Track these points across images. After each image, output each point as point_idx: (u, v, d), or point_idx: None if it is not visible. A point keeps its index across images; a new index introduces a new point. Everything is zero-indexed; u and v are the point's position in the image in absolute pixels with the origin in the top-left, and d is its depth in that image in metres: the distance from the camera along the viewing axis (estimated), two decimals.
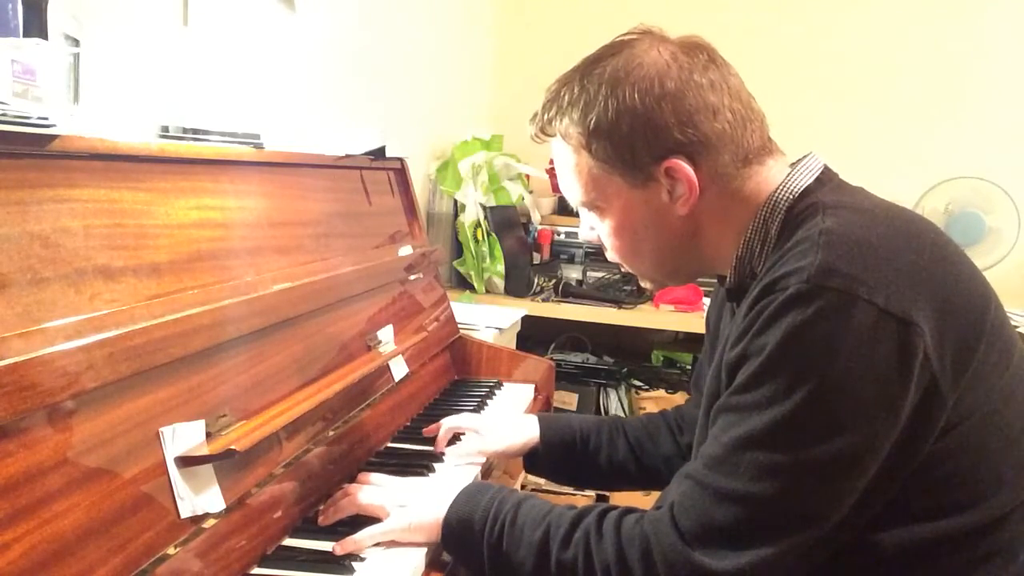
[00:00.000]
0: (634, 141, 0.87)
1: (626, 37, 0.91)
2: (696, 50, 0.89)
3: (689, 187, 0.87)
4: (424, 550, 0.93)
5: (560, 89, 0.92)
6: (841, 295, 0.75)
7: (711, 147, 0.87)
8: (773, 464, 0.77)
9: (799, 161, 0.91)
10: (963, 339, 0.78)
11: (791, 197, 0.87)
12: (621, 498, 2.26)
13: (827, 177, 0.90)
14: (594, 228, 0.98)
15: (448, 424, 1.27)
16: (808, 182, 0.88)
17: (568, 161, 0.93)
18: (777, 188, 0.88)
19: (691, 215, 0.90)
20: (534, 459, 1.25)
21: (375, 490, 0.99)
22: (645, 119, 0.86)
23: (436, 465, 1.18)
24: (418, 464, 1.18)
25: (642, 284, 1.04)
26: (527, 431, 1.24)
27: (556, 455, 1.23)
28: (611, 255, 0.99)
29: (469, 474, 1.18)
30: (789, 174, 0.89)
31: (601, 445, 1.23)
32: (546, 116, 0.93)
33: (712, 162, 0.87)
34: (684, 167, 0.86)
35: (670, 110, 0.85)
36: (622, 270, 1.05)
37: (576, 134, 0.90)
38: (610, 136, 0.87)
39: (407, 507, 0.95)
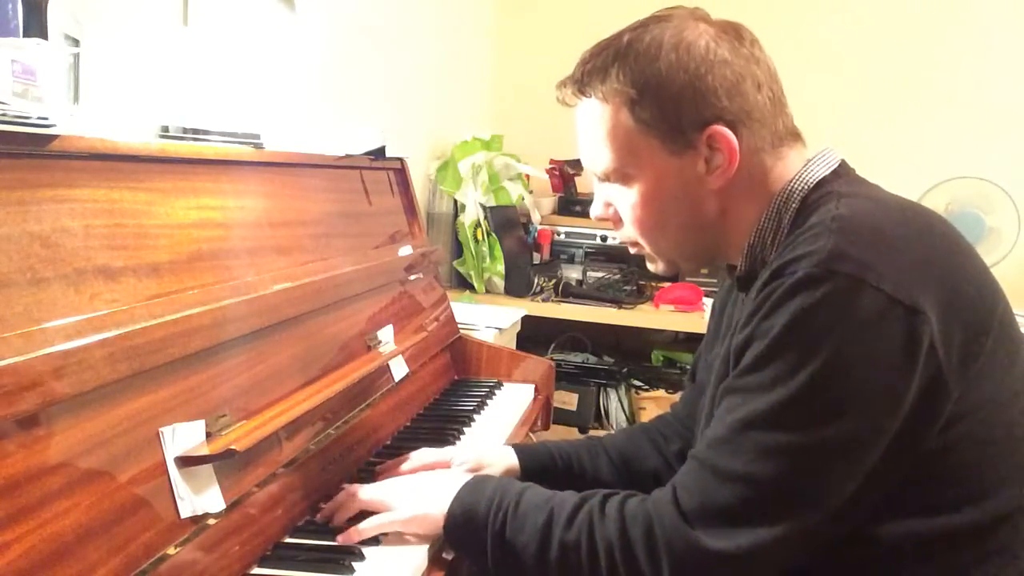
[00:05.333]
0: (682, 103, 0.85)
1: (666, 11, 0.90)
2: (740, 29, 0.90)
3: (729, 158, 0.86)
4: (426, 548, 0.93)
5: (606, 47, 0.89)
6: (850, 280, 0.75)
7: (753, 120, 0.87)
8: (775, 445, 0.77)
9: (816, 155, 0.91)
10: (970, 332, 0.78)
11: (806, 188, 0.87)
12: None
13: (843, 170, 0.90)
14: (610, 204, 0.95)
15: (417, 460, 1.13)
16: (824, 173, 0.88)
17: (602, 123, 0.90)
18: (793, 178, 0.88)
19: (721, 192, 0.89)
20: None
21: (378, 486, 1.00)
22: (696, 81, 0.85)
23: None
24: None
25: (651, 267, 0.99)
26: (504, 460, 1.16)
27: (539, 483, 1.13)
28: (627, 231, 0.95)
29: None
30: (805, 165, 0.89)
31: (584, 467, 1.19)
32: (584, 72, 0.90)
33: (751, 136, 0.87)
34: (727, 135, 0.86)
35: (720, 75, 0.85)
36: (629, 250, 0.99)
37: (621, 91, 0.87)
38: (659, 94, 0.86)
39: (410, 501, 0.95)
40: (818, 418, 0.76)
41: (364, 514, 0.96)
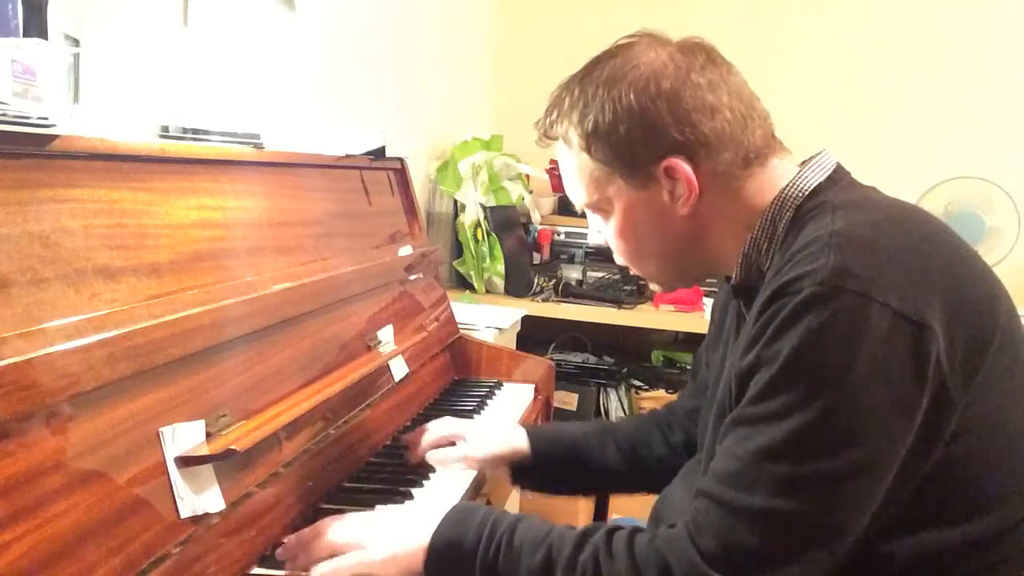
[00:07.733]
0: (632, 141, 0.87)
1: (625, 40, 0.91)
2: (695, 50, 0.89)
3: (689, 187, 0.87)
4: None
5: (561, 93, 0.92)
6: (857, 297, 0.73)
7: (710, 146, 0.86)
8: (794, 476, 0.74)
9: (811, 158, 0.90)
10: (974, 342, 0.76)
11: (800, 195, 0.86)
12: (616, 502, 2.26)
13: (838, 176, 0.88)
14: (601, 231, 0.98)
15: (434, 430, 1.21)
16: (819, 180, 0.87)
17: (571, 163, 0.93)
18: (787, 186, 0.87)
19: (693, 216, 0.89)
20: (522, 470, 1.22)
21: (347, 526, 0.88)
22: (641, 119, 0.86)
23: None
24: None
25: (651, 286, 1.04)
26: (514, 440, 1.20)
27: (547, 466, 1.21)
28: (618, 258, 0.99)
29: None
30: (800, 172, 0.88)
31: (592, 454, 1.20)
32: (548, 120, 0.94)
33: (712, 162, 0.87)
34: (683, 166, 0.86)
35: (666, 109, 0.85)
36: (630, 271, 1.05)
37: (576, 136, 0.90)
38: (608, 137, 0.87)
39: (384, 540, 0.86)
40: (837, 444, 0.73)
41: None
